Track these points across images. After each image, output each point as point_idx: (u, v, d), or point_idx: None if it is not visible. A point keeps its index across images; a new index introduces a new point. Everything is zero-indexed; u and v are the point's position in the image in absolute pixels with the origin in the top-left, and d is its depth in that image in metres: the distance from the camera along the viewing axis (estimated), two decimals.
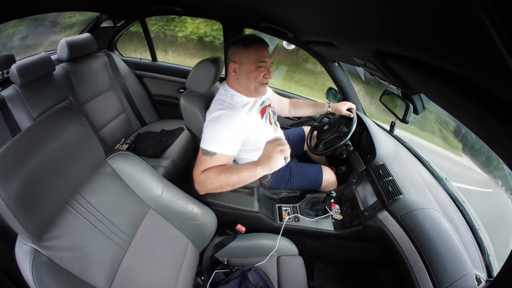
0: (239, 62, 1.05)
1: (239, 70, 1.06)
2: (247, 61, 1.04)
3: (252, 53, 1.04)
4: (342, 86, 1.66)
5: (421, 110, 1.10)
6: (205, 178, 0.96)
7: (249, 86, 1.07)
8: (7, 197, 0.52)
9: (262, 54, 1.05)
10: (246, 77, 1.06)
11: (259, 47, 1.05)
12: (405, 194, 1.00)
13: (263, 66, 1.05)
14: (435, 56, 0.48)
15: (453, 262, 0.80)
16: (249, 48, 1.04)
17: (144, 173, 0.87)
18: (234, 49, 1.06)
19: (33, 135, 0.61)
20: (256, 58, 1.04)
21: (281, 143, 0.94)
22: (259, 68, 1.05)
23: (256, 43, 1.05)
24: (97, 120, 1.71)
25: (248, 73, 1.05)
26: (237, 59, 1.05)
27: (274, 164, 0.93)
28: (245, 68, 1.05)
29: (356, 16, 0.60)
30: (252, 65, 1.04)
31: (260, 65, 1.04)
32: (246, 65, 1.05)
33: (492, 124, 0.45)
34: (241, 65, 1.05)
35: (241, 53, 1.04)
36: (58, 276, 0.59)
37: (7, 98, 1.30)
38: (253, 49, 1.04)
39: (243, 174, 0.95)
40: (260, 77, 1.06)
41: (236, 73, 1.07)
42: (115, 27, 1.95)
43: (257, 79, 1.06)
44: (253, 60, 1.04)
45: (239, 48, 1.05)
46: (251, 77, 1.05)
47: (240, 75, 1.07)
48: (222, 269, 1.00)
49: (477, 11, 0.27)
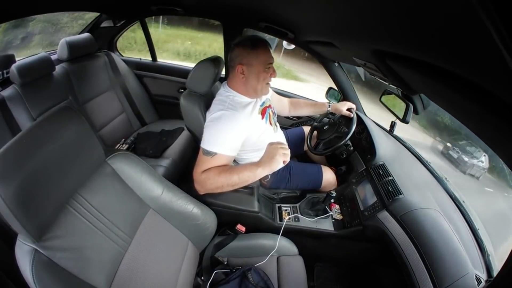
0: (247, 64, 1.05)
1: (247, 72, 1.06)
2: (256, 62, 1.05)
3: (261, 54, 1.05)
4: (342, 86, 1.66)
5: (421, 110, 1.10)
6: (205, 178, 0.97)
7: (257, 86, 1.09)
8: (7, 197, 0.52)
9: (269, 55, 1.07)
10: (255, 79, 1.07)
11: (266, 49, 1.07)
12: (405, 194, 1.00)
13: (270, 67, 1.08)
14: (435, 56, 0.48)
15: (453, 262, 0.80)
16: (257, 49, 1.04)
17: (144, 173, 0.87)
18: (240, 51, 1.05)
19: (33, 135, 0.61)
20: (265, 59, 1.05)
21: (283, 146, 0.96)
22: (267, 69, 1.07)
23: (262, 44, 1.06)
24: (97, 120, 1.70)
25: (257, 74, 1.06)
26: (245, 61, 1.05)
27: (275, 165, 0.94)
28: (254, 70, 1.06)
29: (356, 16, 0.60)
30: (261, 66, 1.05)
31: (268, 66, 1.07)
32: (255, 67, 1.05)
33: (492, 124, 0.45)
34: (249, 66, 1.05)
35: (249, 55, 1.04)
36: (58, 276, 0.59)
37: (7, 98, 1.30)
38: (261, 50, 1.05)
39: (243, 174, 0.96)
40: (267, 77, 1.08)
41: (244, 75, 1.07)
42: (115, 27, 1.95)
43: (265, 80, 1.08)
44: (262, 61, 1.05)
45: (246, 49, 1.05)
46: (260, 78, 1.07)
47: (249, 77, 1.07)
48: (222, 269, 1.00)
49: (477, 11, 0.27)
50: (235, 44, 1.08)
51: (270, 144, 0.98)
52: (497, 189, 2.94)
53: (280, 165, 0.95)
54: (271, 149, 0.96)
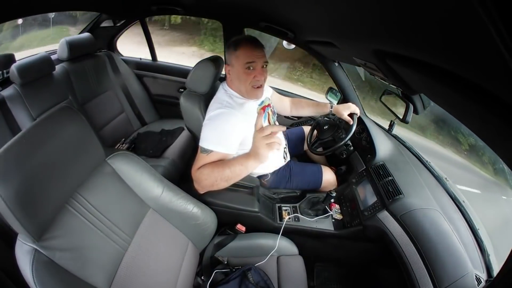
0: (231, 65, 1.07)
1: (232, 72, 1.08)
2: (236, 63, 1.05)
3: (240, 55, 1.03)
4: (342, 86, 1.65)
5: (421, 110, 1.09)
6: (200, 175, 0.97)
7: (240, 88, 1.08)
8: (7, 197, 0.52)
9: (250, 55, 1.02)
10: (237, 79, 1.07)
11: (247, 48, 1.03)
12: (405, 194, 1.00)
13: (252, 67, 1.03)
14: (436, 56, 0.48)
15: (453, 262, 0.80)
16: (237, 50, 1.04)
17: (144, 173, 0.87)
18: (227, 51, 1.08)
19: (33, 135, 0.61)
20: (244, 59, 1.03)
21: (266, 136, 0.85)
22: (247, 69, 1.03)
23: (245, 44, 1.04)
24: (97, 119, 1.71)
25: (238, 75, 1.05)
26: (229, 61, 1.07)
27: (263, 157, 0.88)
28: (235, 71, 1.06)
29: (356, 16, 0.60)
30: (240, 68, 1.04)
31: (248, 66, 1.03)
32: (235, 67, 1.05)
33: (492, 124, 0.45)
34: (232, 67, 1.07)
35: (231, 56, 1.06)
36: (58, 276, 0.59)
37: (7, 98, 1.31)
38: (242, 50, 1.03)
39: (235, 168, 0.95)
40: (250, 79, 1.04)
41: (230, 75, 1.09)
42: (115, 26, 1.95)
43: (247, 81, 1.05)
44: (241, 62, 1.03)
45: (230, 50, 1.06)
46: (241, 79, 1.05)
47: (233, 77, 1.08)
48: (222, 268, 1.00)
49: (477, 10, 0.27)
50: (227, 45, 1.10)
51: (254, 133, 0.88)
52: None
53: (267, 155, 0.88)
54: (255, 141, 0.88)
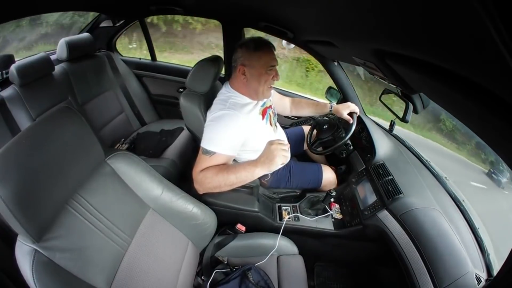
0: (249, 66, 1.05)
1: (248, 73, 1.06)
2: (257, 64, 1.05)
3: (263, 56, 1.04)
4: (342, 86, 1.65)
5: (420, 109, 1.09)
6: (202, 177, 0.97)
7: (258, 89, 1.08)
8: (7, 197, 0.52)
9: (272, 58, 1.06)
10: (256, 80, 1.06)
11: (269, 51, 1.06)
12: (405, 194, 1.00)
13: (273, 70, 1.07)
14: (435, 55, 0.48)
15: (453, 261, 0.80)
16: (259, 51, 1.04)
17: (144, 173, 0.87)
18: (242, 52, 1.06)
19: (33, 135, 0.61)
20: (267, 61, 1.05)
21: (284, 147, 0.94)
22: (269, 71, 1.06)
23: (265, 46, 1.05)
24: (97, 120, 1.70)
25: (258, 76, 1.06)
26: (247, 62, 1.05)
27: (274, 166, 0.93)
28: (255, 72, 1.05)
29: (356, 16, 0.60)
30: (262, 69, 1.05)
31: (270, 68, 1.06)
32: (256, 69, 1.05)
33: (492, 123, 0.45)
34: (251, 68, 1.05)
35: (251, 57, 1.04)
36: (58, 276, 0.59)
37: (6, 98, 1.30)
38: (264, 52, 1.04)
39: (241, 174, 0.95)
40: (269, 79, 1.07)
41: (246, 76, 1.07)
42: (114, 27, 1.95)
43: (268, 82, 1.07)
44: (264, 63, 1.04)
45: (249, 51, 1.05)
46: (261, 80, 1.06)
47: (250, 78, 1.07)
48: (222, 268, 1.00)
49: (477, 10, 0.27)
50: (238, 45, 1.08)
51: (270, 143, 0.95)
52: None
53: (278, 166, 0.94)
54: (271, 149, 0.94)
